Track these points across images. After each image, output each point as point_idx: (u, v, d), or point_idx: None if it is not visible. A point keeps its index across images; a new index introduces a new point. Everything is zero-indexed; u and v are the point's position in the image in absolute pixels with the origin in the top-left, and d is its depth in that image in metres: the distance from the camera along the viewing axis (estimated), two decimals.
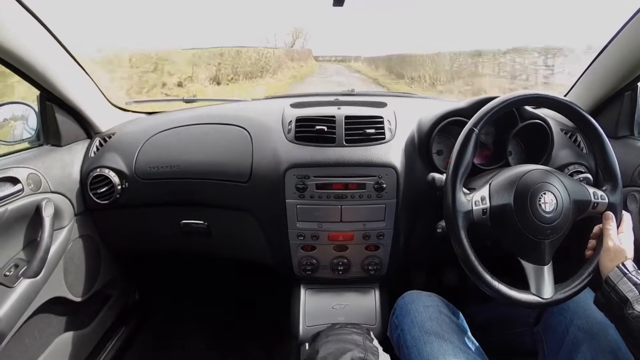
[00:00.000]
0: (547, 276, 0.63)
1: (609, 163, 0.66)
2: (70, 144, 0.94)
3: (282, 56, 16.83)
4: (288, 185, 0.82)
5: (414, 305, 0.72)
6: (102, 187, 0.91)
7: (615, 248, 0.61)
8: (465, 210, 0.63)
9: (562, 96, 0.69)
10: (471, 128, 0.65)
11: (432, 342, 0.64)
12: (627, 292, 0.55)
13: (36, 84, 0.83)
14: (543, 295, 0.62)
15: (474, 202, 0.63)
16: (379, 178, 0.81)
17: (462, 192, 0.64)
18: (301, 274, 0.90)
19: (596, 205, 0.65)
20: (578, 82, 0.95)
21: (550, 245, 0.63)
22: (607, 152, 0.66)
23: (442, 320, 0.69)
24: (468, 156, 0.65)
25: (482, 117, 0.65)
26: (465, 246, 0.62)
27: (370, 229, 0.84)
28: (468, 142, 0.64)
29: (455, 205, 0.62)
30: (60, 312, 0.93)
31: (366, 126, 0.85)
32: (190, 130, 0.97)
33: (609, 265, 0.60)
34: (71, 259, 0.91)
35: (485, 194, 0.64)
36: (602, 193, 0.66)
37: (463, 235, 0.62)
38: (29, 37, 0.75)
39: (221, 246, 1.02)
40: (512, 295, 0.61)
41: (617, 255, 0.60)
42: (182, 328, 1.29)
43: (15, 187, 0.74)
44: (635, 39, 0.77)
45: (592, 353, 0.62)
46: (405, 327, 0.70)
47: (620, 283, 0.56)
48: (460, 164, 0.64)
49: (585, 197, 0.65)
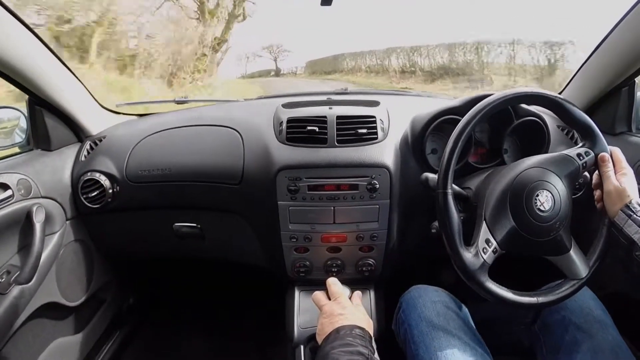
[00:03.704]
0: (576, 257, 0.64)
1: (577, 118, 0.65)
2: (60, 148, 0.93)
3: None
4: (280, 187, 0.81)
5: (421, 300, 0.72)
6: (93, 191, 0.90)
7: (616, 189, 0.60)
8: (479, 267, 0.60)
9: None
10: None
11: (440, 337, 0.64)
12: (633, 234, 0.55)
13: (24, 89, 0.82)
14: (580, 275, 0.63)
15: (482, 252, 0.61)
16: (371, 178, 0.80)
17: (466, 250, 0.61)
18: (295, 276, 0.89)
19: (585, 165, 0.65)
20: (574, 78, 0.94)
21: (564, 232, 0.63)
22: (570, 110, 0.65)
23: (449, 316, 0.68)
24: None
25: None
26: (496, 293, 0.60)
27: (364, 230, 0.84)
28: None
29: (468, 267, 0.60)
30: (54, 317, 0.93)
31: (358, 126, 0.84)
32: (181, 132, 0.96)
33: (613, 209, 0.60)
34: (64, 264, 0.91)
35: (488, 235, 0.62)
36: (586, 149, 0.65)
37: (490, 285, 0.60)
38: (15, 41, 0.74)
39: (215, 249, 1.02)
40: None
41: (620, 196, 0.59)
42: (177, 331, 1.29)
43: (5, 193, 0.74)
44: (632, 35, 0.76)
45: (592, 352, 0.61)
46: (413, 322, 0.69)
47: (626, 226, 0.56)
48: (453, 229, 0.61)
49: (573, 165, 0.64)
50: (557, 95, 0.66)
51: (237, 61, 13.42)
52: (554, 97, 0.66)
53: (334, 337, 0.57)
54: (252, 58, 13.28)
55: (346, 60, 12.90)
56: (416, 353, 0.65)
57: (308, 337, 0.83)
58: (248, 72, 13.54)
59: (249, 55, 13.17)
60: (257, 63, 15.00)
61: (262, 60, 14.81)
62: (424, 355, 0.63)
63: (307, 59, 15.44)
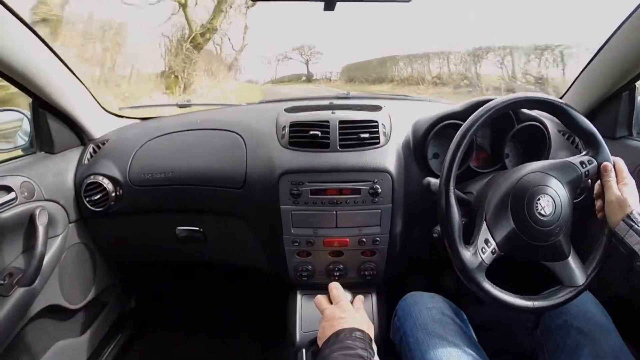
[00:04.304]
0: (574, 264, 0.63)
1: (581, 127, 0.66)
2: (63, 151, 0.93)
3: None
4: (282, 191, 0.81)
5: (416, 307, 0.71)
6: (96, 195, 0.90)
7: (618, 199, 0.60)
8: (477, 265, 0.60)
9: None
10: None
11: (436, 343, 0.63)
12: (634, 245, 0.55)
13: (28, 91, 0.83)
14: (577, 283, 0.62)
15: (480, 251, 0.61)
16: (373, 183, 0.80)
17: (465, 249, 0.61)
18: (297, 280, 0.89)
19: (587, 173, 0.65)
20: (575, 83, 0.94)
21: (564, 238, 0.63)
22: (575, 117, 0.65)
23: (445, 322, 0.68)
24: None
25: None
26: (493, 294, 0.61)
27: (366, 234, 0.84)
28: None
29: (466, 265, 0.60)
30: (56, 319, 0.93)
31: (360, 130, 0.84)
32: (184, 136, 0.96)
33: (615, 218, 0.60)
34: (66, 267, 0.91)
35: (487, 235, 0.62)
36: (589, 158, 0.65)
37: (487, 286, 0.61)
38: (18, 43, 0.74)
39: (217, 253, 1.02)
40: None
41: (622, 206, 0.59)
42: (179, 335, 1.29)
43: (9, 196, 0.74)
44: (633, 39, 0.76)
45: (594, 357, 0.61)
46: (408, 329, 0.68)
47: (627, 236, 0.56)
48: (453, 226, 0.61)
49: (576, 172, 0.65)
50: (561, 100, 0.66)
51: (266, 64, 12.38)
52: (558, 103, 0.66)
53: (334, 340, 0.57)
54: (282, 60, 12.16)
55: (398, 65, 9.38)
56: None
57: (310, 341, 0.83)
58: (278, 75, 12.33)
59: (279, 58, 12.05)
60: (287, 66, 13.29)
61: (293, 63, 13.16)
62: None
63: (344, 63, 12.90)
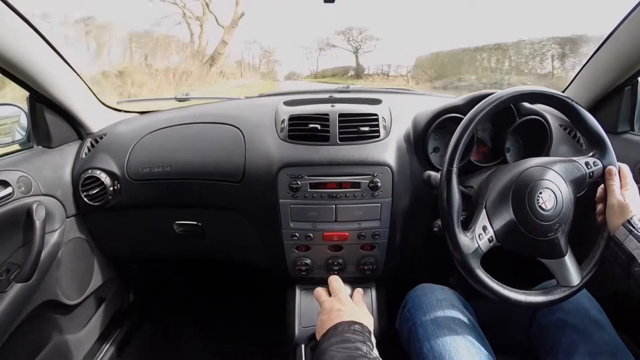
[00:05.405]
0: (570, 264, 0.63)
1: (590, 127, 0.65)
2: (61, 145, 0.93)
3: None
4: (281, 184, 0.80)
5: (426, 298, 0.72)
6: (94, 189, 0.90)
7: (620, 204, 0.60)
8: (472, 251, 0.60)
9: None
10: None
11: (445, 335, 0.63)
12: (633, 250, 0.55)
13: (25, 85, 0.82)
14: (572, 283, 0.62)
15: (477, 237, 0.61)
16: (373, 177, 0.80)
17: (462, 233, 0.61)
18: (296, 274, 0.89)
19: (592, 175, 0.64)
20: (577, 77, 0.94)
21: (562, 236, 0.63)
22: (585, 118, 0.65)
23: (454, 315, 0.68)
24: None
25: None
26: (485, 283, 0.60)
27: (365, 228, 0.83)
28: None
29: (461, 249, 0.60)
30: (54, 315, 0.92)
31: (360, 124, 0.84)
32: (182, 130, 0.95)
33: (615, 223, 0.60)
34: (64, 262, 0.90)
35: (486, 222, 0.62)
36: (594, 159, 0.65)
37: (480, 273, 0.60)
38: (16, 37, 0.73)
39: (215, 247, 1.02)
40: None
41: (622, 211, 0.59)
42: (177, 330, 1.29)
43: (5, 191, 0.73)
44: (635, 33, 0.76)
45: (590, 354, 0.61)
46: (417, 320, 0.69)
47: (627, 241, 0.56)
48: (452, 207, 0.61)
49: (580, 172, 0.64)
50: (568, 96, 0.66)
51: (305, 53, 8.86)
52: (566, 99, 0.65)
53: (332, 333, 0.57)
54: (326, 49, 8.83)
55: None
56: (420, 352, 0.64)
57: (309, 336, 0.83)
58: (320, 69, 9.01)
59: (320, 47, 8.71)
60: (331, 57, 9.91)
61: (338, 52, 9.58)
62: (427, 353, 0.62)
63: (410, 53, 9.45)
